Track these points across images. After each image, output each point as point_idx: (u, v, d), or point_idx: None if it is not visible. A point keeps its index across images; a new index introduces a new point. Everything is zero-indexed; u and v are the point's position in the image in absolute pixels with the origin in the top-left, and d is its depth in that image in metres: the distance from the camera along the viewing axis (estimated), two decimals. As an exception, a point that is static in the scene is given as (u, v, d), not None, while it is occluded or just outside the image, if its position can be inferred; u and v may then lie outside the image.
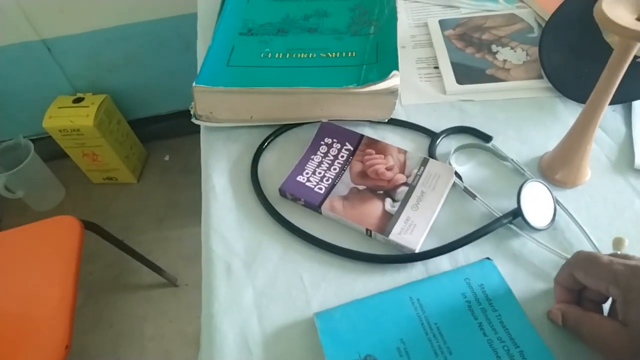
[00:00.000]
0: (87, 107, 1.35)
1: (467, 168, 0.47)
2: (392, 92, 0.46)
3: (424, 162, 0.44)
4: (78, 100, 1.37)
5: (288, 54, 0.50)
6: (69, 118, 1.33)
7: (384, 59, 0.48)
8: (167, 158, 1.63)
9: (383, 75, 0.45)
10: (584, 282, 0.32)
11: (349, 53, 0.49)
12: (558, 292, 0.35)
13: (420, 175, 0.44)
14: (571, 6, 0.54)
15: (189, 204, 1.46)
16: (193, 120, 0.51)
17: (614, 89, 0.37)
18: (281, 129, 0.51)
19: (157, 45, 1.38)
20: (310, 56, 0.50)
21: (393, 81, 0.45)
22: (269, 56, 0.50)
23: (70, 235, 0.91)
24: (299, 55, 0.50)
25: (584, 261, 0.33)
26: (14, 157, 1.39)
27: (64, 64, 1.38)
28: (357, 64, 0.48)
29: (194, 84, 0.47)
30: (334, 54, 0.50)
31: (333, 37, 0.52)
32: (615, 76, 0.36)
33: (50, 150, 1.44)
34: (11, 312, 0.81)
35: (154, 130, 1.62)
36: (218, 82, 0.47)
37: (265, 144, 0.49)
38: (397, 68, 0.45)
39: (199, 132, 0.53)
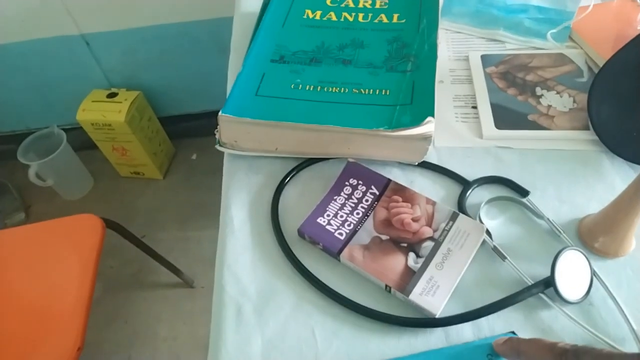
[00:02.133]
0: (120, 102, 1.36)
1: (498, 223, 0.44)
2: (426, 138, 0.43)
3: (454, 217, 0.42)
4: (112, 95, 1.39)
5: (319, 87, 0.48)
6: (102, 112, 1.35)
7: (419, 101, 0.45)
8: (194, 157, 1.64)
9: (417, 120, 0.43)
10: None
11: (383, 91, 0.47)
12: None
13: (448, 231, 0.41)
14: (629, 55, 0.50)
15: (211, 206, 1.46)
16: (217, 147, 0.50)
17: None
18: (305, 163, 0.49)
19: (192, 47, 1.39)
20: (342, 91, 0.48)
21: (427, 127, 0.42)
22: (300, 88, 0.48)
23: (92, 235, 0.92)
24: (330, 89, 0.48)
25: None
26: (46, 146, 1.43)
27: (101, 58, 1.40)
28: (391, 104, 0.46)
29: (220, 113, 0.46)
30: (367, 90, 0.47)
31: (367, 72, 0.49)
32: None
33: (81, 141, 1.47)
34: (27, 308, 0.83)
35: (183, 128, 1.64)
36: (245, 113, 0.46)
37: (288, 179, 0.47)
38: (432, 113, 0.43)
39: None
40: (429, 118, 0.42)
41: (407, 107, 0.45)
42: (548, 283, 0.37)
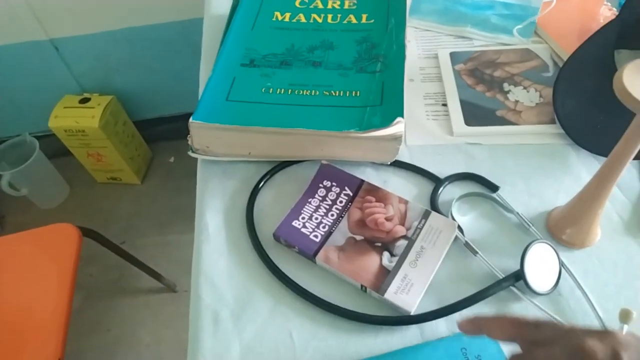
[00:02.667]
0: (93, 108, 1.34)
1: (470, 219, 0.45)
2: (396, 139, 0.44)
3: (426, 215, 0.42)
4: (84, 100, 1.37)
5: (290, 90, 0.48)
6: (75, 118, 1.32)
7: (388, 102, 0.46)
8: (172, 160, 1.62)
9: (387, 120, 0.43)
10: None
11: (353, 92, 0.47)
12: None
13: (421, 229, 0.42)
14: (590, 49, 0.51)
15: (191, 209, 1.44)
16: (190, 153, 0.50)
17: (631, 157, 0.35)
18: (279, 166, 0.49)
19: (164, 48, 1.37)
20: (313, 93, 0.48)
21: (397, 128, 0.43)
22: (270, 91, 0.48)
23: (68, 244, 0.90)
24: (301, 92, 0.48)
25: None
26: (19, 154, 1.39)
27: (72, 63, 1.37)
28: (361, 105, 0.46)
29: (190, 120, 0.46)
30: (337, 92, 0.48)
31: (338, 73, 0.50)
32: (632, 147, 0.34)
33: (55, 148, 1.44)
34: (4, 320, 0.81)
35: (159, 132, 1.61)
36: (215, 119, 0.45)
37: (262, 183, 0.47)
38: (401, 114, 0.43)
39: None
40: (399, 119, 0.43)
41: (377, 108, 0.45)
42: (518, 276, 0.38)
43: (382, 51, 0.51)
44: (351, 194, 0.45)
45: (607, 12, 0.61)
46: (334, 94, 0.48)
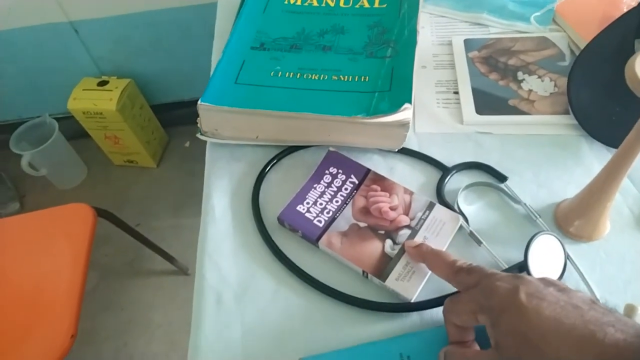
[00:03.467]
0: (111, 90, 1.36)
1: (476, 208, 0.44)
2: (403, 125, 0.43)
3: (430, 207, 0.42)
4: (103, 83, 1.39)
5: (299, 74, 0.48)
6: (93, 101, 1.34)
7: (397, 88, 0.45)
8: (187, 144, 1.64)
9: (395, 107, 0.43)
10: (462, 324, 0.32)
11: (362, 77, 0.47)
12: (451, 334, 0.34)
13: (425, 220, 0.41)
14: (609, 38, 0.50)
15: (205, 193, 1.47)
16: (198, 135, 0.50)
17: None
18: (287, 151, 0.50)
19: (183, 32, 1.37)
20: (321, 78, 0.47)
21: (404, 114, 0.42)
22: (279, 75, 0.48)
23: (83, 224, 0.92)
24: (310, 76, 0.48)
25: (450, 304, 0.33)
26: (39, 135, 1.43)
27: (91, 46, 1.39)
28: (369, 91, 0.46)
29: (199, 102, 0.46)
30: (346, 77, 0.47)
31: (347, 58, 0.49)
32: (641, 141, 0.33)
33: (74, 130, 1.47)
34: (19, 297, 0.84)
35: (176, 116, 1.63)
36: (224, 102, 0.46)
37: (268, 167, 0.48)
38: (409, 100, 0.43)
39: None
40: (406, 105, 0.42)
41: (385, 94, 0.45)
42: (522, 267, 0.38)
43: (393, 37, 0.50)
44: (357, 182, 0.45)
45: (631, 1, 0.59)
46: (342, 78, 0.47)
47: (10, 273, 0.88)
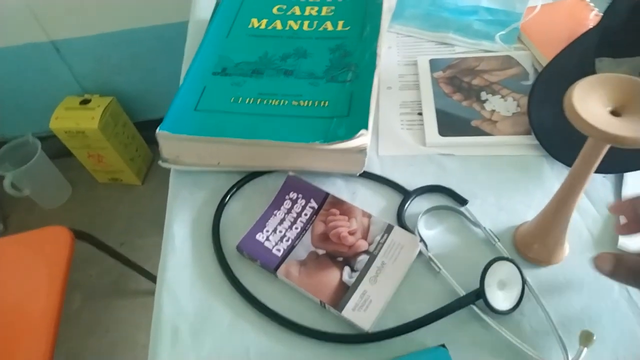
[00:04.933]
0: (93, 109, 1.35)
1: (436, 233, 0.44)
2: (361, 151, 0.43)
3: (388, 230, 0.42)
4: (85, 102, 1.38)
5: (259, 100, 0.48)
6: (75, 120, 1.34)
7: (355, 113, 0.45)
8: (172, 161, 1.63)
9: (351, 132, 0.43)
10: None
11: (322, 102, 0.47)
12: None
13: (383, 244, 0.41)
14: (570, 57, 0.50)
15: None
16: (160, 163, 0.50)
17: (588, 178, 0.34)
18: (249, 177, 0.49)
19: (165, 49, 1.38)
20: (282, 103, 0.47)
21: (360, 140, 0.42)
22: (239, 101, 0.48)
23: (61, 247, 0.91)
24: (270, 101, 0.48)
25: None
26: (22, 155, 1.42)
27: (73, 65, 1.39)
28: (328, 116, 0.45)
29: (157, 130, 0.46)
30: (306, 102, 0.47)
31: (308, 83, 0.49)
32: (587, 169, 0.33)
33: (57, 148, 1.46)
34: (-6, 323, 0.82)
35: (160, 133, 1.62)
36: (183, 129, 0.45)
37: (229, 196, 0.47)
38: (365, 126, 0.42)
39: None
40: (362, 131, 0.42)
41: (343, 119, 0.45)
42: (479, 295, 0.38)
43: (355, 60, 0.50)
44: (316, 207, 0.44)
45: (596, 19, 0.60)
46: (302, 103, 0.47)
47: (-16, 299, 0.87)
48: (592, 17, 0.60)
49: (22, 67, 1.37)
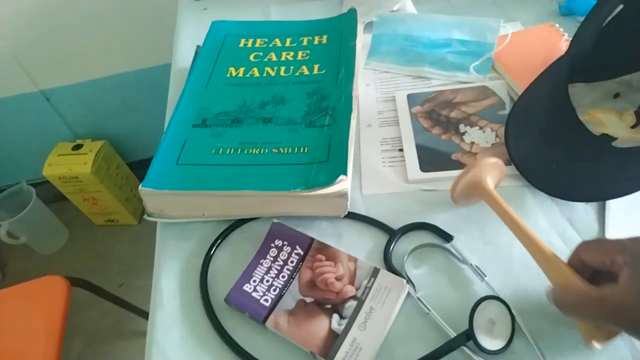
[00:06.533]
0: (86, 154, 1.36)
1: (423, 272, 0.44)
2: (341, 196, 0.43)
3: (375, 273, 0.42)
4: (77, 147, 1.39)
5: (240, 149, 0.48)
6: (68, 166, 1.34)
7: (334, 158, 0.45)
8: (167, 198, 1.63)
9: (331, 178, 0.43)
10: (591, 262, 0.34)
11: (301, 149, 0.47)
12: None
13: (370, 288, 0.41)
14: (543, 86, 0.51)
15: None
16: (145, 217, 0.50)
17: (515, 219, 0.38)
18: (235, 225, 0.49)
19: (151, 91, 1.40)
20: (262, 152, 0.48)
21: (340, 186, 0.43)
22: (220, 152, 0.48)
23: (57, 297, 0.91)
24: (250, 150, 0.48)
25: (594, 242, 0.36)
26: (17, 203, 1.42)
27: (63, 112, 1.41)
28: (308, 162, 0.46)
29: (140, 187, 0.46)
30: (285, 149, 0.48)
31: (287, 129, 0.50)
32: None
33: (53, 193, 1.46)
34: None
35: (154, 171, 1.63)
36: (165, 185, 0.46)
37: (215, 246, 0.47)
38: (344, 171, 0.43)
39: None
40: (341, 177, 0.42)
41: (323, 165, 0.45)
42: (468, 336, 0.37)
43: (332, 103, 0.51)
44: (302, 253, 0.45)
45: (568, 45, 0.61)
46: (282, 151, 0.48)
47: (-18, 355, 0.86)
48: (564, 42, 0.61)
49: (13, 117, 1.38)
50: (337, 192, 0.43)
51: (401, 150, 0.53)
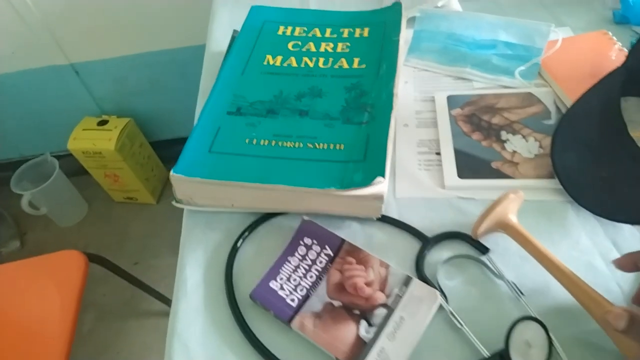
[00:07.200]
0: (111, 130, 1.37)
1: (457, 284, 0.42)
2: (377, 198, 0.42)
3: (407, 282, 0.40)
4: (102, 122, 1.40)
5: (274, 142, 0.47)
6: (92, 141, 1.35)
7: (372, 158, 0.44)
8: (187, 180, 1.63)
9: (368, 179, 0.41)
10: None
11: (337, 145, 0.46)
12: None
13: (401, 297, 0.40)
14: (593, 98, 0.48)
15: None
16: (174, 203, 0.49)
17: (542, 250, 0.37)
18: (263, 218, 0.48)
19: (181, 72, 1.39)
20: (296, 145, 0.46)
21: (377, 188, 0.41)
22: (254, 142, 0.47)
23: (75, 271, 0.91)
24: (285, 143, 0.47)
25: None
26: (40, 174, 1.44)
27: (91, 87, 1.41)
28: (344, 160, 0.44)
29: (171, 172, 0.45)
30: (321, 145, 0.46)
31: (324, 124, 0.48)
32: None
33: (75, 167, 1.48)
34: (7, 345, 0.83)
35: (176, 152, 1.62)
36: (197, 172, 0.45)
37: (241, 240, 0.46)
38: (382, 173, 0.41)
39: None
40: (379, 178, 0.41)
41: (359, 164, 0.44)
42: (503, 357, 0.36)
43: (371, 100, 0.49)
44: (331, 254, 0.43)
45: (619, 54, 0.58)
46: (318, 146, 0.46)
47: (-1, 321, 0.87)
48: (615, 51, 0.58)
49: (41, 89, 1.39)
50: (373, 194, 0.41)
51: (438, 153, 0.52)
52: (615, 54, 0.58)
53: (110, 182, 1.49)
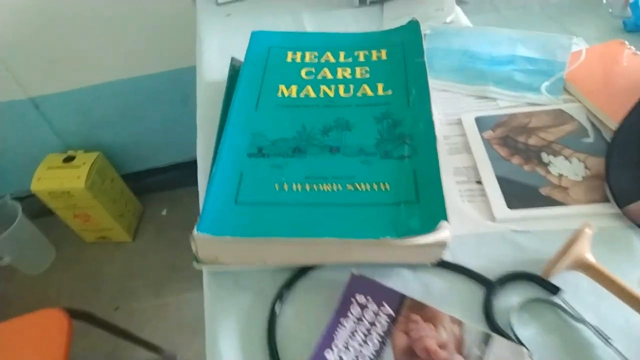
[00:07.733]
0: (79, 167, 1.27)
1: (534, 333, 0.38)
2: (440, 245, 0.37)
3: (486, 339, 0.35)
4: (69, 159, 1.30)
5: (307, 185, 0.42)
6: (59, 180, 1.24)
7: (426, 197, 0.39)
8: (164, 212, 1.54)
9: (429, 224, 0.37)
10: None
11: (382, 185, 0.41)
12: None
13: (482, 359, 0.35)
14: (640, 114, 0.46)
15: (188, 265, 1.37)
16: (195, 265, 0.42)
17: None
18: (300, 273, 0.42)
19: (151, 99, 1.31)
20: (334, 188, 0.41)
21: (442, 234, 0.36)
22: (285, 188, 0.41)
23: (57, 334, 0.81)
24: (320, 186, 0.41)
25: None
26: (0, 219, 1.31)
27: (53, 121, 1.31)
28: (393, 203, 0.39)
29: (194, 231, 0.39)
30: (362, 185, 0.41)
31: (359, 161, 0.43)
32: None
33: (39, 208, 1.36)
34: None
35: (150, 184, 1.54)
36: (225, 229, 0.38)
37: (279, 303, 0.40)
38: (444, 215, 0.37)
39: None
40: (443, 222, 0.36)
41: (413, 206, 0.39)
42: (609, 417, 0.31)
43: (407, 130, 0.45)
44: (392, 313, 0.38)
45: (632, 59, 0.56)
46: (358, 187, 0.41)
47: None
48: (629, 55, 0.56)
49: (-2, 127, 1.27)
50: (437, 241, 0.36)
51: (479, 182, 0.48)
52: (628, 56, 0.56)
53: (80, 223, 1.38)
